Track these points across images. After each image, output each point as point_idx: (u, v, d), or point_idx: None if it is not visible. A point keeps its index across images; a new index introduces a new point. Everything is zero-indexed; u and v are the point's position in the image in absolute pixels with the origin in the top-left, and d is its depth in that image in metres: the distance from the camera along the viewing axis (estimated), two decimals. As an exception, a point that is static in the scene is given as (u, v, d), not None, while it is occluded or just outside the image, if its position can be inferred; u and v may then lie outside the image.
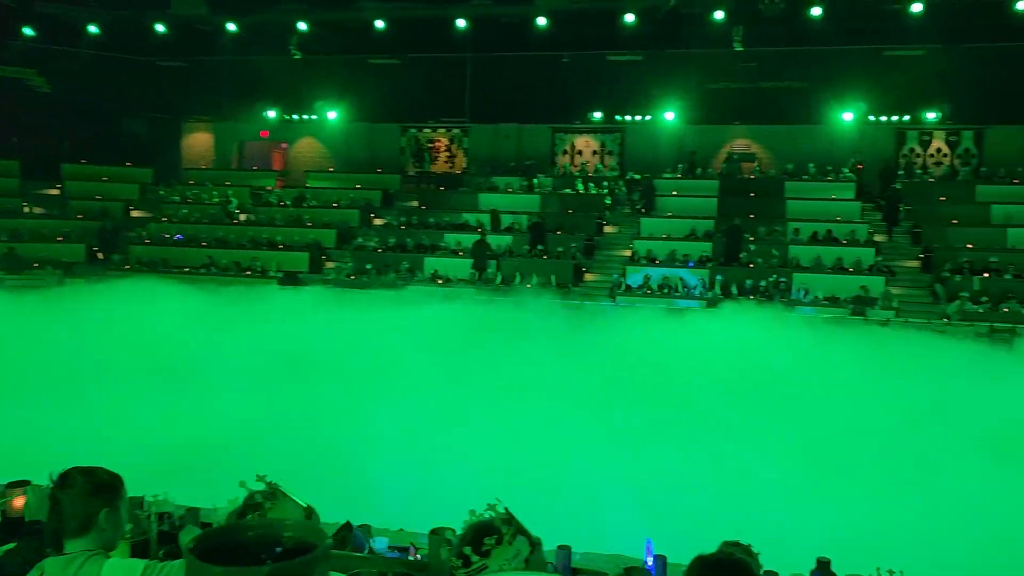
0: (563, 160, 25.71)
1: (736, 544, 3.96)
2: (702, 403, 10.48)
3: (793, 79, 22.99)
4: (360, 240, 22.76)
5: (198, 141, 29.32)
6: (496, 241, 21.29)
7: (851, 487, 7.35)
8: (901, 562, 3.66)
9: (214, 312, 15.85)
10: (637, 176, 23.77)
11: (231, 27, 24.58)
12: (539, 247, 20.91)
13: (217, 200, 25.14)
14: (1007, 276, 18.03)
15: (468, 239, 21.31)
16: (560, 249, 20.91)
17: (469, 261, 20.59)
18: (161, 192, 26.18)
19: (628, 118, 25.10)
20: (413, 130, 26.98)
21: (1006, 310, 16.88)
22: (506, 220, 22.38)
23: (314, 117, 27.17)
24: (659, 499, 7.13)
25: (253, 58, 25.04)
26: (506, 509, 3.03)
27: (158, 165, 27.20)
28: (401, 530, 5.61)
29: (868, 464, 8.00)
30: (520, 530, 2.79)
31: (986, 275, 18.05)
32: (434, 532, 4.47)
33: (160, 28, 24.96)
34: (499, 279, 20.15)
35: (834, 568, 4.22)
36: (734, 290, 18.66)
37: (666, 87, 23.42)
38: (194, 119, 28.87)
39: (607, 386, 10.71)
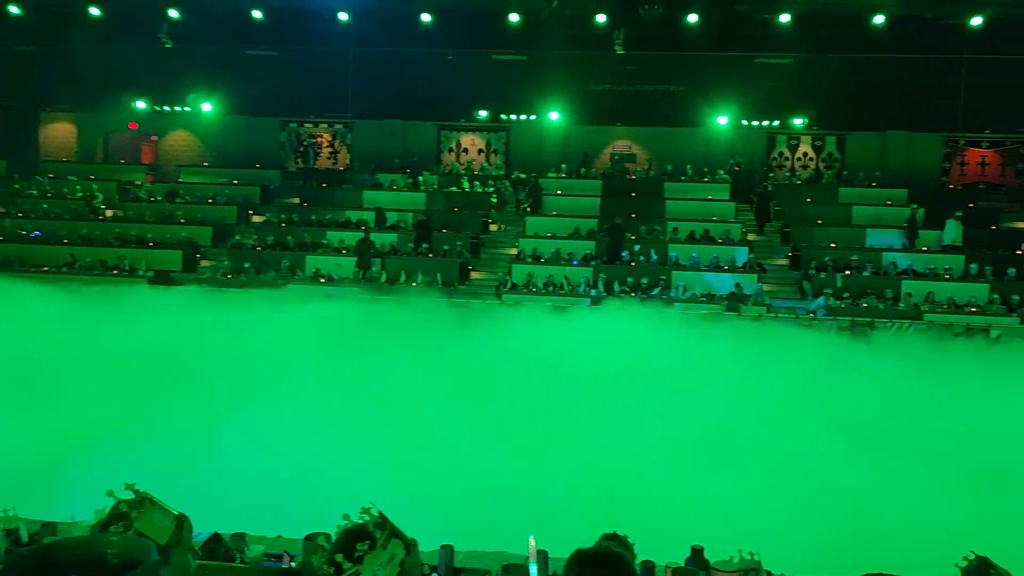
0: (449, 158, 25.59)
1: (613, 536, 3.99)
2: (585, 399, 10.62)
3: (671, 83, 23.75)
4: (238, 238, 21.90)
5: (58, 132, 27.44)
6: (381, 239, 20.95)
7: (725, 475, 7.60)
8: (770, 543, 3.78)
9: (78, 313, 14.84)
10: (523, 176, 23.95)
11: (94, 11, 23.13)
12: (424, 245, 20.72)
13: (81, 195, 23.60)
14: (866, 273, 19.21)
15: (352, 237, 20.87)
16: (446, 248, 20.79)
17: (353, 259, 20.16)
18: (16, 186, 24.35)
19: (514, 117, 25.26)
20: (294, 125, 26.21)
21: (865, 305, 17.98)
22: (391, 218, 22.06)
23: (187, 109, 25.95)
24: (542, 494, 7.16)
25: (120, 45, 23.60)
26: (380, 513, 2.92)
27: (11, 157, 25.28)
28: (279, 537, 5.37)
29: (741, 452, 8.30)
30: (395, 533, 2.72)
31: (848, 272, 19.17)
32: (308, 538, 4.30)
33: (14, 9, 23.20)
34: (384, 278, 19.83)
35: (707, 555, 4.32)
36: (617, 287, 19.07)
37: (550, 87, 23.71)
38: (53, 108, 27.00)
39: (490, 384, 10.69)
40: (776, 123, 24.18)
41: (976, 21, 20.60)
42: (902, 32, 21.25)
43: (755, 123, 24.12)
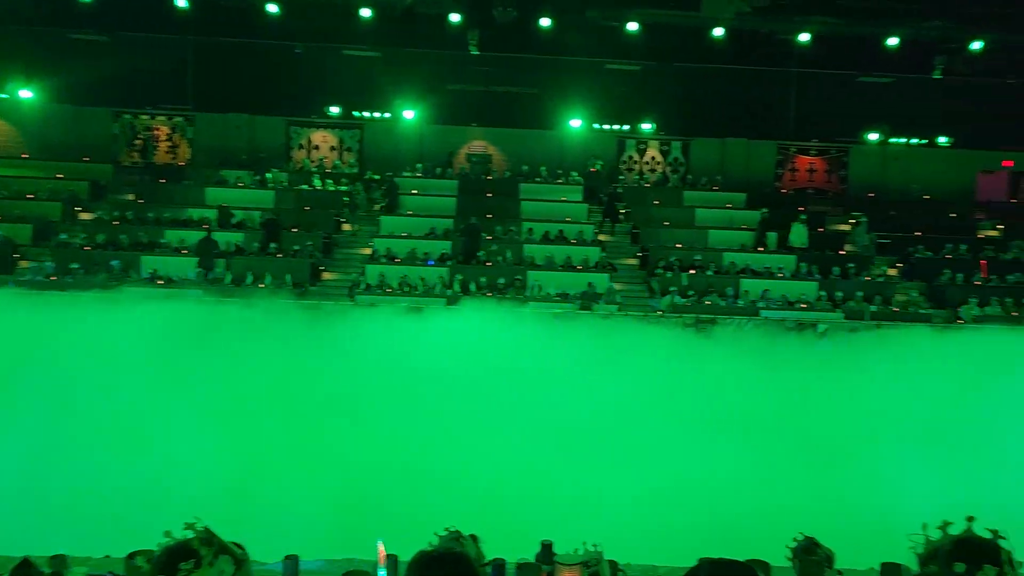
0: (299, 155, 24.70)
1: (458, 536, 3.86)
2: (439, 398, 10.46)
3: (525, 85, 24.01)
4: (63, 236, 20.14)
5: None
6: (225, 238, 19.89)
7: (577, 468, 7.66)
8: (618, 533, 3.77)
9: None
10: (376, 176, 23.43)
11: None
12: (273, 245, 19.85)
13: None
14: (709, 272, 20.13)
15: (193, 236, 19.69)
16: (296, 248, 20.01)
17: (194, 260, 19.03)
18: None
19: (367, 114, 24.73)
20: (128, 116, 24.46)
21: (708, 302, 18.84)
22: (237, 216, 21.00)
23: (3, 96, 23.66)
24: (393, 498, 6.93)
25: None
26: (206, 528, 2.66)
27: None
28: (107, 556, 4.97)
29: (592, 445, 8.40)
30: (223, 548, 2.52)
31: (692, 271, 20.02)
32: (131, 557, 4.01)
33: None
34: (229, 279, 18.82)
35: (557, 549, 4.27)
36: (473, 287, 19.01)
37: (405, 85, 23.39)
38: None
39: (341, 387, 10.33)
40: (626, 127, 24.96)
41: (804, 37, 22.10)
42: (740, 45, 22.50)
43: (606, 127, 24.79)
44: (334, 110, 24.61)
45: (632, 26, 22.02)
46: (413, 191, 22.84)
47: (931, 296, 19.83)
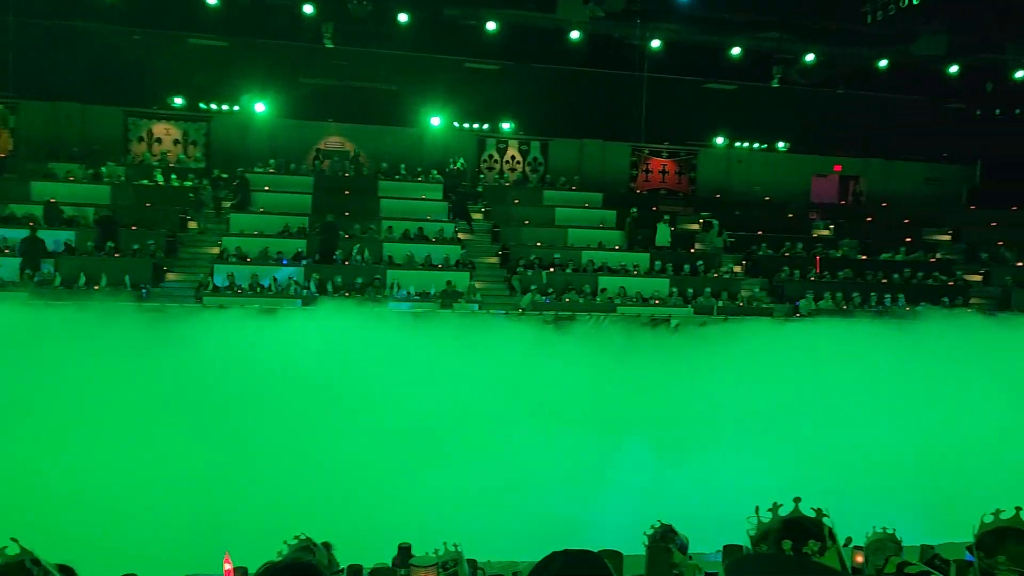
0: (139, 148, 23.13)
1: (308, 546, 3.61)
2: (294, 403, 9.99)
3: (384, 81, 23.54)
4: None
5: None
6: (53, 237, 18.30)
7: (436, 468, 7.48)
8: (478, 530, 3.64)
9: None
10: (224, 175, 22.21)
11: None
12: (110, 244, 18.46)
13: None
14: (568, 270, 20.46)
15: (16, 234, 18.00)
16: (136, 247, 18.68)
17: (18, 260, 17.40)
18: None
19: (214, 107, 23.48)
20: (-63, 101, 22.09)
21: (567, 300, 19.13)
22: (67, 212, 19.37)
23: None
24: (241, 506, 6.48)
25: None
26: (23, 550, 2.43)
27: None
28: None
29: (452, 444, 8.24)
30: (47, 573, 2.41)
31: (551, 270, 20.28)
32: None
33: None
34: (58, 280, 17.32)
35: (415, 551, 4.09)
36: (330, 287, 18.43)
37: (255, 77, 22.38)
38: None
39: (184, 393, 9.65)
40: (486, 126, 24.98)
41: (655, 43, 22.89)
42: (595, 48, 22.98)
43: (466, 125, 24.72)
44: (178, 101, 23.22)
45: (491, 25, 22.05)
46: (266, 188, 21.91)
47: (772, 291, 21.06)
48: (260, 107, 23.02)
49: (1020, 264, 22.49)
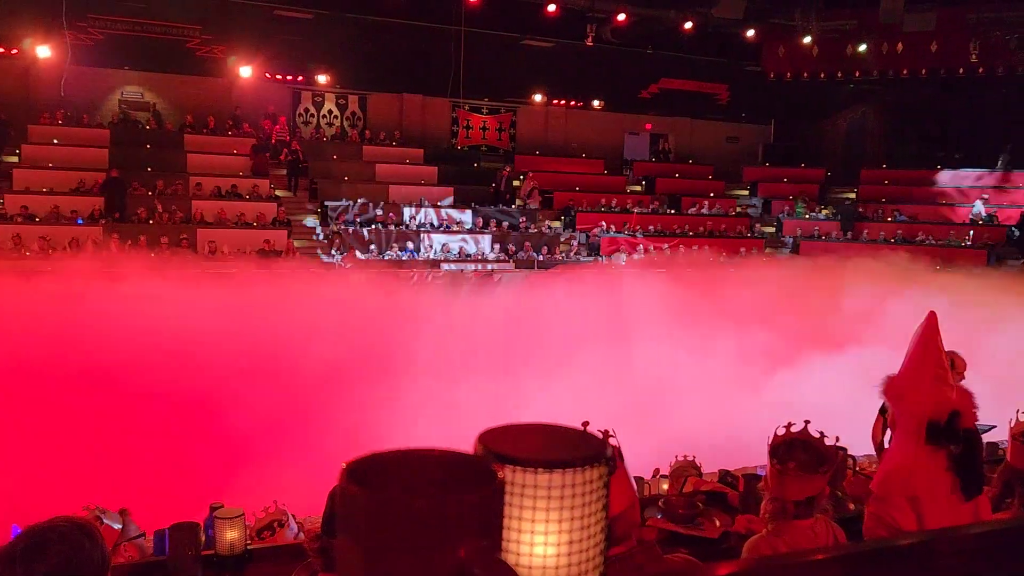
0: None
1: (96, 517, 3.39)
2: (92, 371, 9.24)
3: (186, 25, 21.90)
4: None
5: None
6: None
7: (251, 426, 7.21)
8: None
9: None
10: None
11: None
12: None
13: None
14: (392, 227, 20.21)
15: None
16: None
17: None
18: None
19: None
20: None
21: (390, 257, 18.92)
22: None
23: None
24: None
25: None
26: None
27: None
28: None
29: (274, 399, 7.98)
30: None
31: (374, 227, 19.94)
32: None
33: None
34: None
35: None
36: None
37: (34, 18, 20.05)
38: None
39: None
40: (300, 79, 23.95)
41: (472, -2, 22.69)
42: (412, 0, 22.52)
43: (279, 77, 23.58)
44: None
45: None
46: (55, 140, 19.91)
47: (590, 247, 21.89)
48: (43, 50, 20.72)
49: (808, 217, 24.71)
